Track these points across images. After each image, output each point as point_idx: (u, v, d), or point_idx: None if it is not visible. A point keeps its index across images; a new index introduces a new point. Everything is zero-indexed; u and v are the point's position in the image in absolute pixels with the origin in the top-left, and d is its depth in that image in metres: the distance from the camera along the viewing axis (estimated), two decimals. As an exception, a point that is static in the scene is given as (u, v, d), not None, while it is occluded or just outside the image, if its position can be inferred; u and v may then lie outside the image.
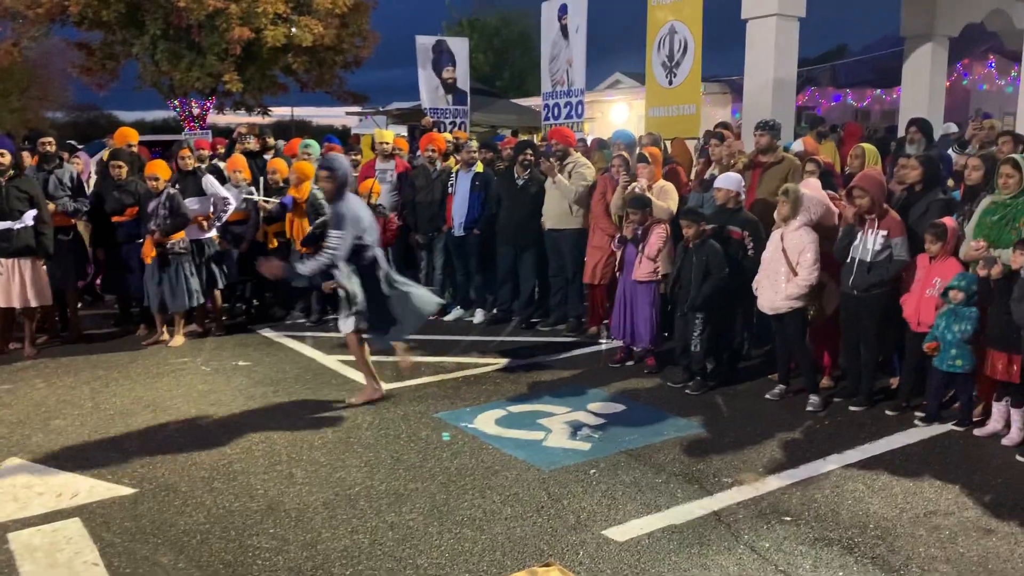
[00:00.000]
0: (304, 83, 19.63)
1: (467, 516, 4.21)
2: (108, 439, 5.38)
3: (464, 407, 5.95)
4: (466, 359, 7.27)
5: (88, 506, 4.37)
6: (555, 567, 3.37)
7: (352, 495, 4.48)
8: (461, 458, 4.99)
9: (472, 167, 8.62)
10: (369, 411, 5.88)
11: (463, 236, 8.58)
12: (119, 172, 8.11)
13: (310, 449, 5.17)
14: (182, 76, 17.27)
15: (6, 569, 3.72)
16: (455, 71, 14.43)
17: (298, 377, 6.80)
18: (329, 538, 3.99)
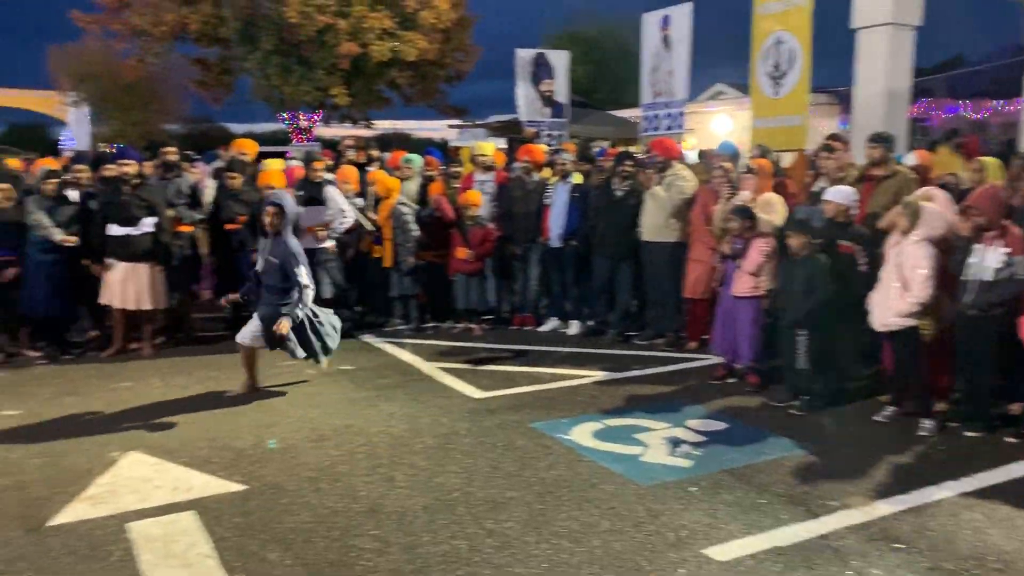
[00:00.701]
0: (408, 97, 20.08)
1: (564, 527, 4.20)
2: (220, 436, 5.61)
3: (560, 418, 5.95)
4: (561, 370, 7.27)
5: (202, 500, 4.56)
6: None
7: (451, 501, 4.53)
8: (558, 469, 4.99)
9: (569, 178, 8.64)
10: (466, 418, 5.95)
11: (560, 247, 8.60)
12: (233, 182, 8.47)
13: (410, 454, 5.26)
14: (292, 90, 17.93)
15: (126, 558, 3.92)
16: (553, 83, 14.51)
17: (398, 382, 6.94)
18: (429, 542, 4.05)
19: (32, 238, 7.57)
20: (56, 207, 7.67)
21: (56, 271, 7.60)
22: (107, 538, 4.11)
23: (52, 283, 7.59)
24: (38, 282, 7.56)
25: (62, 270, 7.66)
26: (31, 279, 7.58)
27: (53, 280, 7.59)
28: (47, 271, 7.56)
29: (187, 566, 3.84)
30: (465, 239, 8.60)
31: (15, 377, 7.16)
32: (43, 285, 7.56)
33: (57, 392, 6.67)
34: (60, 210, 7.67)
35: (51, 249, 7.54)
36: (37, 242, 7.54)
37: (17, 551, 3.98)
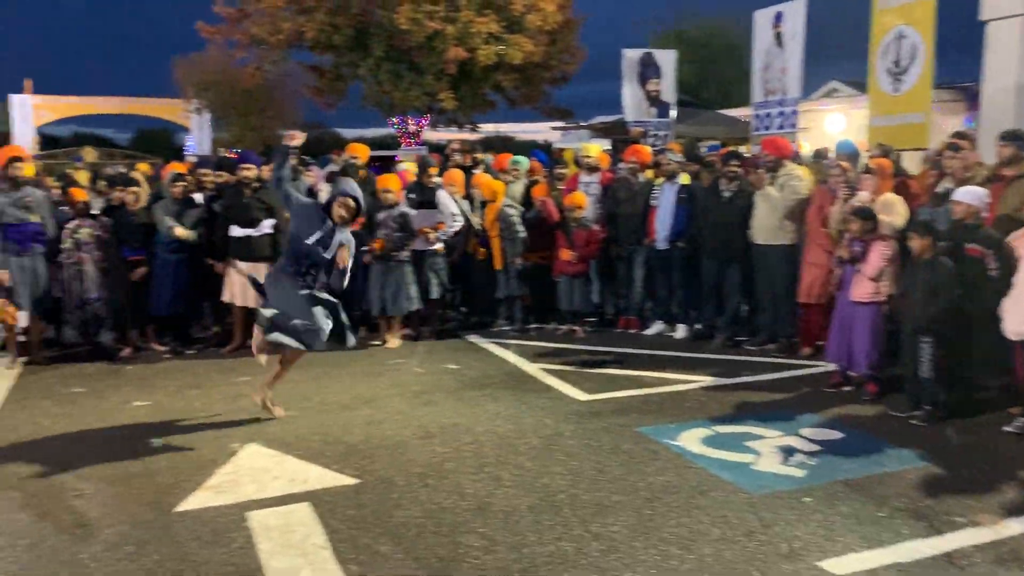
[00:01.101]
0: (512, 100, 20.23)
1: (673, 534, 4.13)
2: (333, 431, 5.79)
3: (667, 423, 5.86)
4: (668, 374, 7.16)
5: (316, 492, 4.71)
6: None
7: (557, 502, 4.53)
8: (666, 475, 4.91)
9: (676, 179, 8.51)
10: (571, 420, 5.94)
11: (666, 249, 8.48)
12: (347, 185, 8.71)
13: (515, 453, 5.29)
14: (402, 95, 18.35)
15: (247, 545, 4.09)
16: (660, 83, 14.31)
17: (503, 382, 6.99)
18: (535, 542, 4.06)
19: (160, 239, 8.01)
20: (183, 209, 8.09)
21: (182, 271, 8.01)
22: (229, 526, 4.30)
23: (178, 282, 8.00)
24: (165, 281, 7.99)
25: (187, 270, 8.07)
26: (158, 278, 8.01)
27: (179, 279, 8.00)
28: (173, 271, 7.97)
29: (303, 555, 3.97)
30: (569, 241, 8.59)
31: (143, 370, 7.58)
32: (169, 284, 7.98)
33: (181, 385, 7.03)
34: (187, 212, 8.08)
35: (177, 249, 7.95)
36: (164, 243, 7.97)
37: (148, 534, 4.21)
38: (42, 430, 5.90)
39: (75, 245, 7.73)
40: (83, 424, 6.02)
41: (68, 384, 7.12)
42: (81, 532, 4.24)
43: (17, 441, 5.67)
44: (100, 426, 5.98)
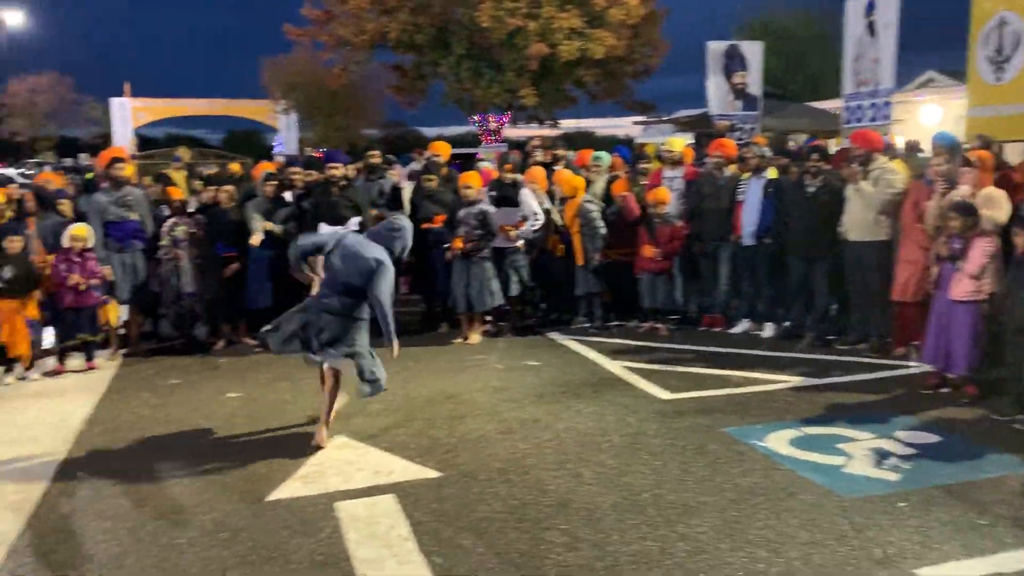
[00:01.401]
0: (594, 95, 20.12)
1: (760, 536, 4.04)
2: (416, 425, 5.87)
3: (754, 424, 5.73)
4: (754, 374, 7.00)
5: (401, 485, 4.78)
6: None
7: (640, 501, 4.49)
8: (752, 476, 4.81)
9: (763, 173, 8.31)
10: (654, 419, 5.87)
11: (753, 245, 8.29)
12: (431, 184, 8.82)
13: (597, 451, 5.26)
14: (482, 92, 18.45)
15: (334, 535, 4.19)
16: (746, 76, 14.04)
17: (584, 380, 6.96)
18: (619, 541, 4.03)
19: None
20: (274, 208, 8.31)
21: (273, 267, 8.22)
22: (317, 515, 4.41)
23: (269, 278, 8.22)
24: (257, 277, 8.22)
25: (278, 266, 8.27)
26: (250, 274, 8.25)
27: (270, 275, 8.22)
28: (265, 267, 8.19)
29: (388, 547, 4.04)
30: (652, 237, 8.49)
31: (236, 363, 7.84)
32: (261, 280, 8.21)
33: (271, 378, 7.24)
34: (277, 210, 8.31)
35: (268, 246, 8.17)
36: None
37: (241, 522, 4.35)
38: (141, 420, 6.16)
39: (172, 242, 8.05)
40: (179, 414, 6.27)
41: (165, 376, 7.42)
42: (178, 518, 4.41)
43: (118, 430, 5.94)
44: (195, 416, 6.21)
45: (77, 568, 3.88)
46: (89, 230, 7.53)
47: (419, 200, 8.91)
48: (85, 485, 4.90)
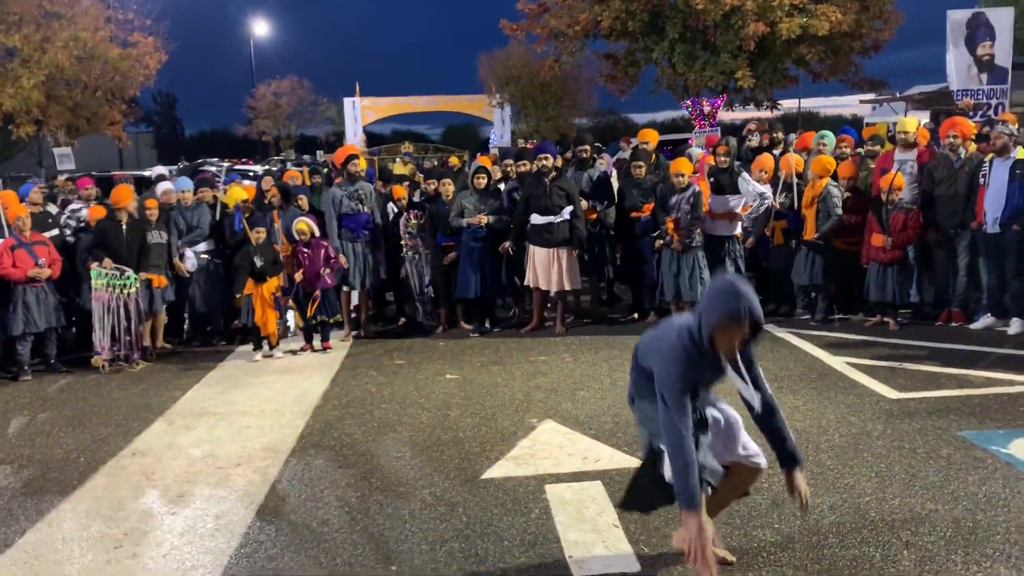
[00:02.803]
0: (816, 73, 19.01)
1: (1000, 551, 3.69)
2: (623, 413, 5.87)
3: (995, 428, 5.23)
4: (998, 374, 6.37)
5: (608, 472, 4.84)
6: None
7: (861, 505, 4.24)
8: (991, 485, 4.39)
9: (1012, 153, 7.51)
10: (880, 420, 5.51)
11: (998, 233, 7.52)
12: (639, 172, 8.77)
13: (816, 450, 5.02)
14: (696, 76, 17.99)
15: (544, 516, 4.31)
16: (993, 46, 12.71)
17: (803, 376, 6.65)
18: (836, 544, 3.84)
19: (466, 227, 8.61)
20: (485, 199, 8.61)
21: (485, 256, 8.54)
22: (528, 496, 4.56)
23: (482, 267, 8.54)
24: (470, 266, 8.57)
25: (490, 255, 8.58)
26: (464, 264, 8.61)
27: (483, 264, 8.54)
28: (478, 256, 8.52)
29: (596, 532, 4.10)
30: (883, 225, 7.92)
31: (453, 346, 8.24)
32: (475, 269, 8.55)
33: (486, 361, 7.54)
34: (488, 201, 8.60)
35: (481, 237, 8.49)
36: (470, 230, 8.55)
37: (457, 498, 4.59)
38: (369, 396, 6.65)
39: (410, 236, 8.62)
40: (403, 392, 6.70)
41: (391, 356, 7.95)
42: (401, 490, 4.73)
43: (350, 405, 6.45)
44: (416, 395, 6.61)
45: (314, 530, 4.28)
46: (310, 223, 8.18)
47: (627, 188, 8.89)
48: (321, 455, 5.38)
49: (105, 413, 6.53)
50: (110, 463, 5.41)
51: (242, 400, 6.72)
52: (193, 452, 5.54)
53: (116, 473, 5.23)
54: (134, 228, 8.10)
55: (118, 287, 7.81)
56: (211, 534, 4.29)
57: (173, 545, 4.18)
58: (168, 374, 7.66)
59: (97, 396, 7.05)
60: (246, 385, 7.17)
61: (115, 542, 4.24)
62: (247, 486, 4.91)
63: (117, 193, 8.24)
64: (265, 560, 3.98)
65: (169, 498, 4.79)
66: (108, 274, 7.77)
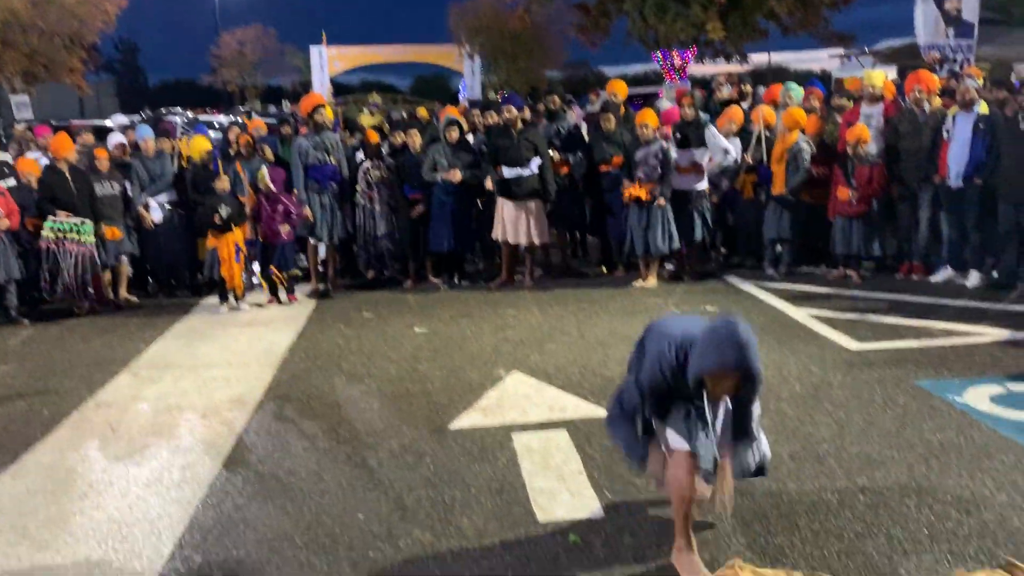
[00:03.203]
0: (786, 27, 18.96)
1: (952, 495, 3.81)
2: (590, 364, 5.96)
3: (951, 378, 5.36)
4: (955, 326, 6.51)
5: (574, 421, 4.90)
6: None
7: (820, 452, 4.35)
8: (946, 432, 4.52)
9: (974, 108, 7.58)
10: (840, 370, 5.62)
11: (960, 187, 7.63)
12: (608, 124, 8.73)
13: (777, 400, 5.12)
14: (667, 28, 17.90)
15: (510, 464, 4.37)
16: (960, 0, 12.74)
17: (766, 327, 6.74)
18: (795, 490, 3.94)
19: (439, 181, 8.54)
20: (456, 152, 8.54)
21: (456, 210, 8.49)
22: (495, 445, 4.61)
23: (454, 220, 8.49)
24: (442, 220, 8.52)
25: (461, 209, 8.53)
26: (435, 217, 8.55)
27: (455, 218, 8.49)
28: (450, 210, 8.46)
29: (561, 479, 4.17)
30: (848, 178, 7.99)
31: (422, 300, 8.23)
32: (446, 223, 8.49)
33: (455, 315, 7.55)
34: (460, 154, 8.52)
35: (452, 191, 8.43)
36: (440, 184, 8.49)
37: (425, 447, 4.63)
38: (338, 349, 6.65)
39: (367, 185, 8.51)
40: (371, 345, 6.70)
41: (359, 310, 7.92)
42: (369, 441, 4.76)
43: (318, 358, 6.44)
44: (385, 348, 6.62)
45: (282, 480, 4.30)
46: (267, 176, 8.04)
47: (596, 141, 8.85)
48: (289, 407, 5.38)
49: (69, 365, 6.46)
50: (74, 415, 5.37)
51: (208, 353, 6.68)
52: (158, 404, 5.51)
53: (80, 425, 5.20)
54: (78, 179, 7.94)
55: (71, 234, 7.69)
56: (177, 485, 4.29)
57: (139, 496, 4.18)
58: (132, 327, 7.58)
59: (60, 349, 6.97)
60: (212, 338, 7.12)
61: (80, 493, 4.23)
62: (214, 437, 4.91)
63: (55, 143, 8.05)
64: (232, 510, 4.00)
65: (134, 449, 4.78)
66: (60, 224, 7.66)
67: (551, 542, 3.56)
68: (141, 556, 3.60)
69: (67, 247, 7.67)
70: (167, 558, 3.57)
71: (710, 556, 3.38)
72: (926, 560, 3.30)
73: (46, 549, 3.69)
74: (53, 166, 7.89)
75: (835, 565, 3.29)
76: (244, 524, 3.85)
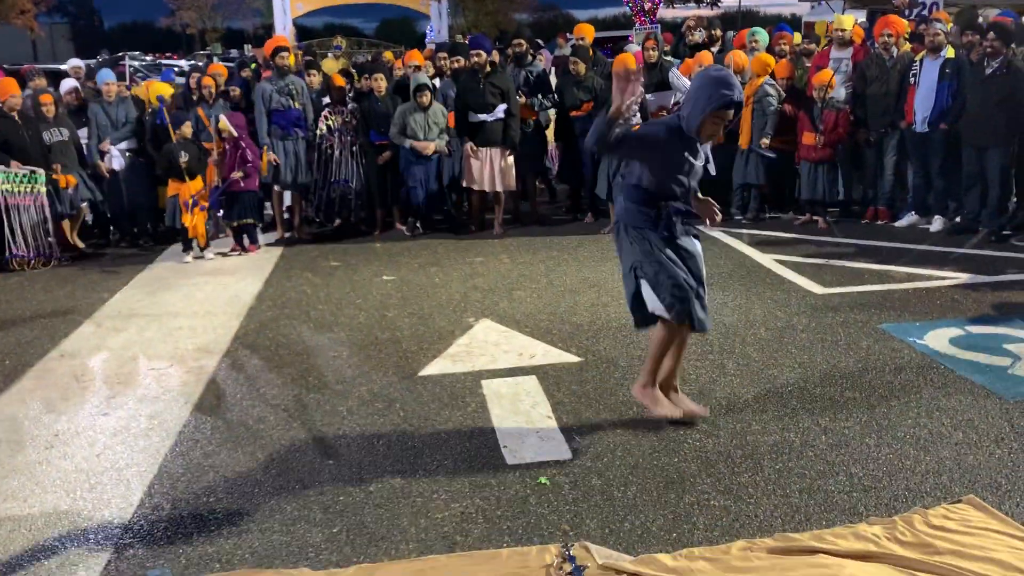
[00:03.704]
0: (756, -30, 18.79)
1: (910, 434, 3.91)
2: (559, 311, 5.98)
3: (912, 321, 5.46)
4: (918, 270, 6.62)
5: (543, 367, 4.93)
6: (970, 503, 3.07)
7: (784, 394, 4.43)
8: (906, 374, 4.62)
9: (942, 53, 7.60)
10: (804, 314, 5.70)
11: (926, 132, 7.68)
12: (577, 68, 8.62)
13: (742, 344, 5.19)
14: (636, -29, 17.64)
15: (480, 409, 4.40)
16: (932, -57, 12.63)
17: (732, 272, 6.81)
18: (759, 431, 4.01)
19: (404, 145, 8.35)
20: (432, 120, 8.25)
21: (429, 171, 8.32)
22: (464, 391, 4.64)
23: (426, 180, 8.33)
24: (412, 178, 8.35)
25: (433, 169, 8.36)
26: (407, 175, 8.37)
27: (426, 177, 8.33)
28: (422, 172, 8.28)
29: (530, 423, 4.21)
30: (814, 124, 8.01)
31: (390, 248, 8.17)
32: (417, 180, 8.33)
33: (423, 263, 7.52)
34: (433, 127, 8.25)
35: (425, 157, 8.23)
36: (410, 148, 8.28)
37: (395, 394, 4.64)
38: (305, 298, 6.60)
39: (328, 130, 8.35)
40: (339, 294, 6.66)
41: (327, 258, 7.85)
42: (339, 388, 4.76)
43: (284, 306, 6.39)
44: (353, 296, 6.58)
45: (251, 428, 4.29)
46: (227, 122, 7.84)
47: (566, 87, 8.75)
48: (256, 355, 5.35)
49: (30, 316, 6.36)
50: (37, 365, 5.30)
51: (173, 302, 6.60)
52: (123, 354, 5.46)
53: (44, 376, 5.14)
54: (29, 125, 7.72)
55: (25, 188, 7.50)
56: (145, 433, 4.27)
57: (106, 445, 4.16)
58: (95, 276, 7.45)
59: (21, 299, 6.84)
60: (176, 287, 7.03)
61: (46, 443, 4.20)
62: (181, 386, 4.88)
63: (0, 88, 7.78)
64: (201, 457, 3.99)
65: (100, 399, 4.74)
66: (15, 176, 7.46)
67: (520, 484, 3.61)
68: (110, 504, 3.59)
69: (20, 201, 7.50)
70: (136, 506, 3.57)
71: (675, 496, 3.45)
72: (884, 496, 3.39)
73: (12, 499, 3.66)
74: (1, 112, 7.64)
75: (797, 502, 3.37)
76: (213, 471, 3.85)
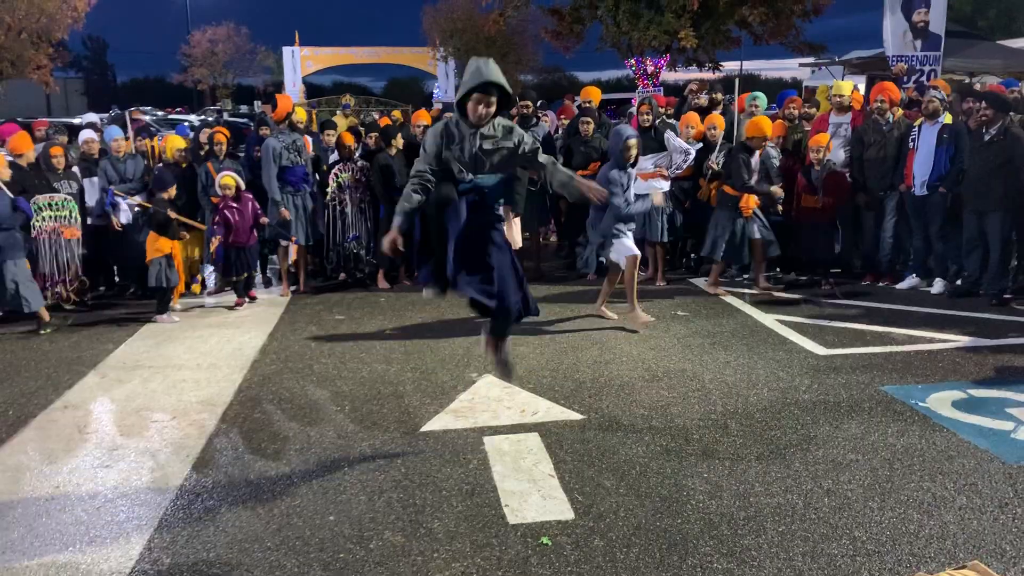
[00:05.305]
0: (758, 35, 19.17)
1: (913, 498, 3.90)
2: (562, 368, 5.99)
3: (915, 383, 5.47)
4: (920, 332, 6.65)
5: (545, 424, 4.93)
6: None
7: (787, 455, 4.42)
8: (909, 437, 4.62)
9: (940, 118, 7.74)
10: (807, 375, 5.71)
11: (925, 195, 7.78)
12: (587, 129, 8.79)
13: (744, 403, 5.20)
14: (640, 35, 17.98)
15: (482, 466, 4.39)
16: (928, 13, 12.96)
17: (734, 332, 6.84)
18: (762, 493, 4.00)
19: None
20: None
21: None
22: (466, 447, 4.63)
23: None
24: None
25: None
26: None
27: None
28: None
29: (532, 481, 4.20)
30: (812, 186, 8.12)
31: (396, 302, 8.21)
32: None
33: (427, 317, 7.56)
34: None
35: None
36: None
37: (396, 449, 4.64)
38: (309, 351, 6.62)
39: (338, 187, 8.48)
40: (342, 347, 6.68)
41: (331, 311, 7.90)
42: (341, 443, 4.75)
43: (288, 360, 6.41)
44: (356, 350, 6.60)
45: (252, 483, 4.28)
46: (236, 177, 7.97)
47: (575, 146, 8.89)
48: (259, 408, 5.35)
49: (35, 366, 6.38)
50: (40, 416, 5.30)
51: (177, 354, 6.62)
52: (127, 405, 5.46)
53: (47, 426, 5.14)
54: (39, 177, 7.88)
55: (63, 213, 7.81)
56: (146, 487, 4.26)
57: (107, 498, 4.14)
58: (100, 327, 7.49)
59: (26, 349, 6.87)
60: (181, 339, 7.06)
61: (47, 496, 4.19)
62: (183, 439, 4.87)
63: (14, 141, 7.92)
64: (202, 512, 3.98)
65: (102, 451, 4.73)
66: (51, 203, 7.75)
67: (522, 544, 3.59)
68: (109, 558, 3.57)
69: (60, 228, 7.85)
70: (136, 560, 3.55)
71: (678, 558, 3.43)
72: (888, 561, 3.37)
73: (11, 551, 3.64)
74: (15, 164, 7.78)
75: (800, 566, 3.35)
76: (214, 526, 3.83)
